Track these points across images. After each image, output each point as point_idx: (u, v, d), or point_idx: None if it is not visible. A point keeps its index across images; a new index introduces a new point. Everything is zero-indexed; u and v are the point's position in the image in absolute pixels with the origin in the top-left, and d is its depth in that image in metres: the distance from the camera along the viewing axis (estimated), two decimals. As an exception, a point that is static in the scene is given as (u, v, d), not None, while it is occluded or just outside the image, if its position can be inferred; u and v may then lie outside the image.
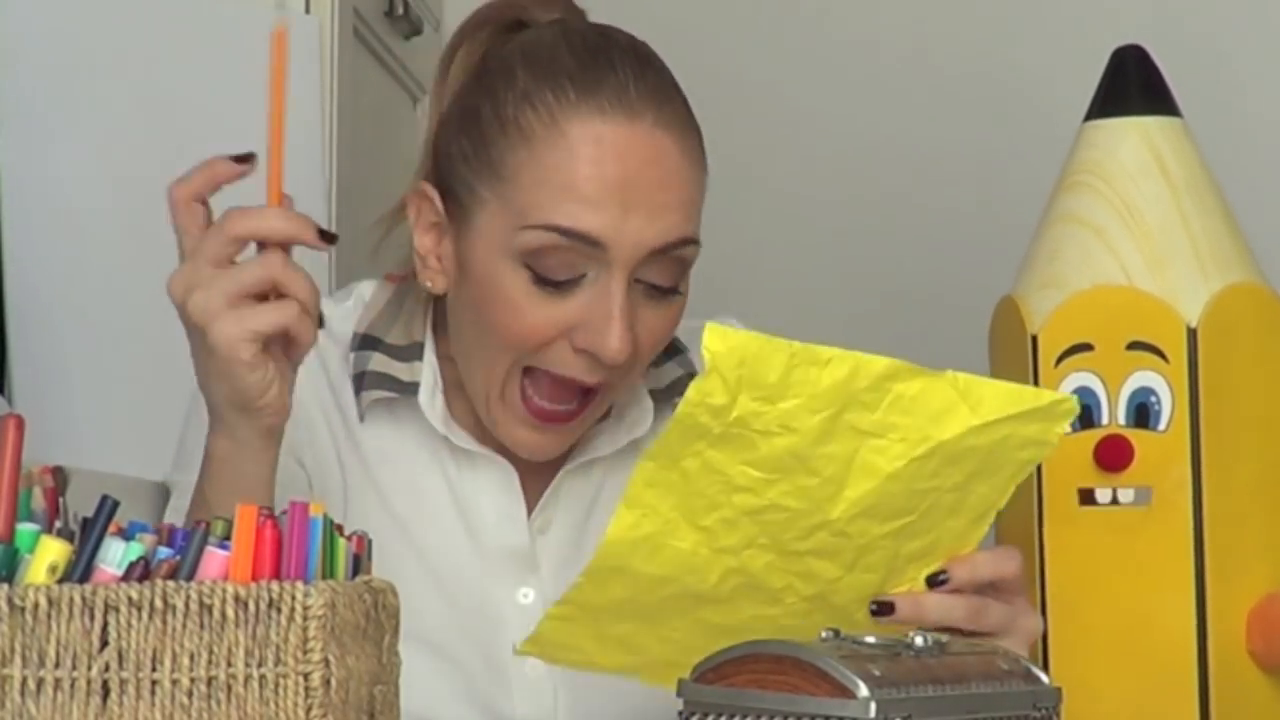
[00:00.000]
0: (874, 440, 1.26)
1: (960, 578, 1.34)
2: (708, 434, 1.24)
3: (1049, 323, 1.61)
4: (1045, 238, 1.66)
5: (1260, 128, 2.44)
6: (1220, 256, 1.62)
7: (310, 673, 1.03)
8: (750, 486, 1.26)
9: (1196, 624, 1.57)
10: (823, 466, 1.26)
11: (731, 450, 1.25)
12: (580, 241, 1.42)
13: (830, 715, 1.08)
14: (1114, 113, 1.66)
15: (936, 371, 1.27)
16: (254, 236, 1.30)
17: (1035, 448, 1.31)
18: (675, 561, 1.29)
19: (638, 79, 1.45)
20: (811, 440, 1.25)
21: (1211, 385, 1.58)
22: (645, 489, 1.26)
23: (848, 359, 1.24)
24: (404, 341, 1.54)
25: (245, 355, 1.29)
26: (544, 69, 1.46)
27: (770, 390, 1.23)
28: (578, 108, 1.43)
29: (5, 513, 1.05)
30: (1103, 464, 1.58)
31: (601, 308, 1.43)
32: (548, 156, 1.43)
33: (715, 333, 1.21)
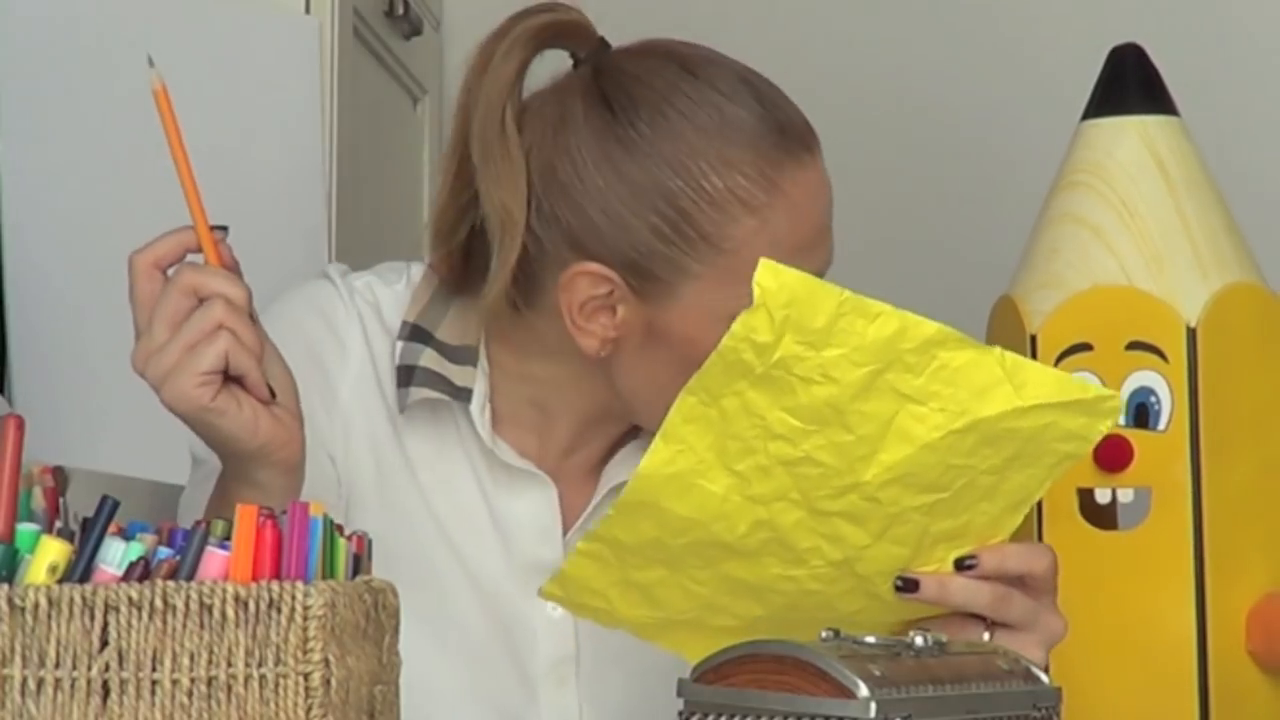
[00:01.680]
0: (913, 406, 1.26)
1: (989, 565, 1.34)
2: (749, 372, 1.24)
3: (1048, 322, 1.61)
4: (1043, 237, 1.66)
5: (1258, 127, 2.44)
6: (1219, 256, 1.62)
7: (310, 673, 1.03)
8: (787, 435, 1.26)
9: (1196, 623, 1.57)
10: (859, 424, 1.26)
11: (771, 393, 1.25)
12: None
13: (830, 715, 1.08)
14: (1112, 112, 1.66)
15: (985, 346, 1.27)
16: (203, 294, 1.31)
17: (1077, 442, 1.30)
18: (705, 505, 1.28)
19: (793, 110, 1.47)
20: (851, 394, 1.25)
21: (1211, 385, 1.58)
22: (683, 424, 1.26)
23: (896, 316, 1.24)
24: (456, 341, 1.51)
25: (205, 399, 1.29)
26: (729, 132, 1.43)
27: (815, 335, 1.23)
28: (783, 165, 1.43)
29: (5, 513, 1.05)
30: (1102, 464, 1.58)
31: None
32: (776, 221, 1.42)
33: (768, 268, 1.21)
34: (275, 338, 1.37)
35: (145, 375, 1.31)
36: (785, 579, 1.33)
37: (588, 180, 1.43)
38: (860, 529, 1.31)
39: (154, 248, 1.35)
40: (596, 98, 1.45)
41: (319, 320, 1.52)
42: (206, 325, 1.30)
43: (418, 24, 2.44)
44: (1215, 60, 2.43)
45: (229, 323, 1.30)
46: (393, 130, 2.41)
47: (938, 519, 1.32)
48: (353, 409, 1.51)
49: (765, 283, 1.22)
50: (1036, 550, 1.37)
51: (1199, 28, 2.45)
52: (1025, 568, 1.35)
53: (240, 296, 1.31)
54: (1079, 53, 1.82)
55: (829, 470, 1.28)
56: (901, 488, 1.29)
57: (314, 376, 1.48)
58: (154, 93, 1.32)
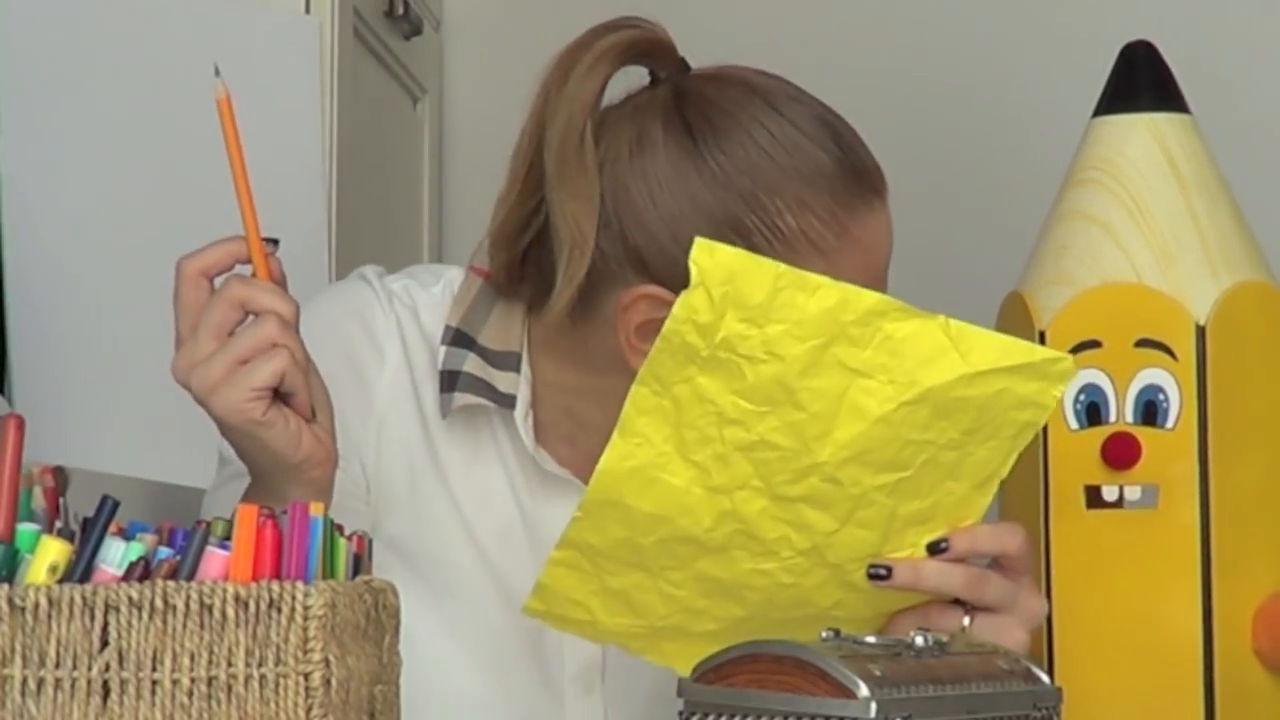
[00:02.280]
0: (862, 380, 1.26)
1: (960, 547, 1.33)
2: (696, 356, 1.24)
3: (1057, 319, 1.61)
4: (1053, 234, 1.66)
5: (1271, 124, 2.43)
6: (1230, 254, 1.62)
7: (310, 673, 1.03)
8: (740, 419, 1.26)
9: (1202, 622, 1.57)
10: (810, 401, 1.26)
11: (721, 376, 1.25)
12: None
13: (830, 715, 1.08)
14: (1123, 109, 1.65)
15: (928, 314, 1.27)
16: (252, 308, 1.31)
17: (1033, 409, 1.30)
18: (669, 499, 1.28)
19: (867, 154, 1.48)
20: (798, 370, 1.25)
21: (1220, 383, 1.58)
22: (639, 416, 1.26)
23: (836, 288, 1.25)
24: (499, 347, 1.50)
25: (256, 415, 1.29)
26: (807, 172, 1.43)
27: (755, 311, 1.23)
28: (855, 209, 1.44)
29: (5, 513, 1.05)
30: (1110, 461, 1.58)
31: None
32: (844, 264, 1.41)
33: (702, 247, 1.22)
34: (312, 341, 1.36)
35: (189, 385, 1.31)
36: (758, 573, 1.32)
37: (661, 204, 1.42)
38: (825, 514, 1.30)
39: (204, 255, 1.35)
40: (677, 121, 1.44)
41: (358, 325, 1.52)
42: (262, 342, 1.29)
43: (418, 24, 2.44)
44: (1227, 58, 2.42)
45: (283, 340, 1.29)
46: (393, 130, 2.41)
47: (903, 500, 1.31)
48: (388, 414, 1.51)
49: (701, 260, 1.22)
50: (1008, 530, 1.36)
51: (1211, 25, 2.45)
52: (998, 548, 1.35)
53: (291, 313, 1.31)
54: (1091, 49, 1.81)
55: (786, 452, 1.27)
56: (860, 466, 1.28)
57: (350, 382, 1.48)
58: (217, 102, 1.31)
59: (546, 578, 1.32)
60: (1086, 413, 1.59)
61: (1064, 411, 1.59)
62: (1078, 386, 1.59)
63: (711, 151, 1.43)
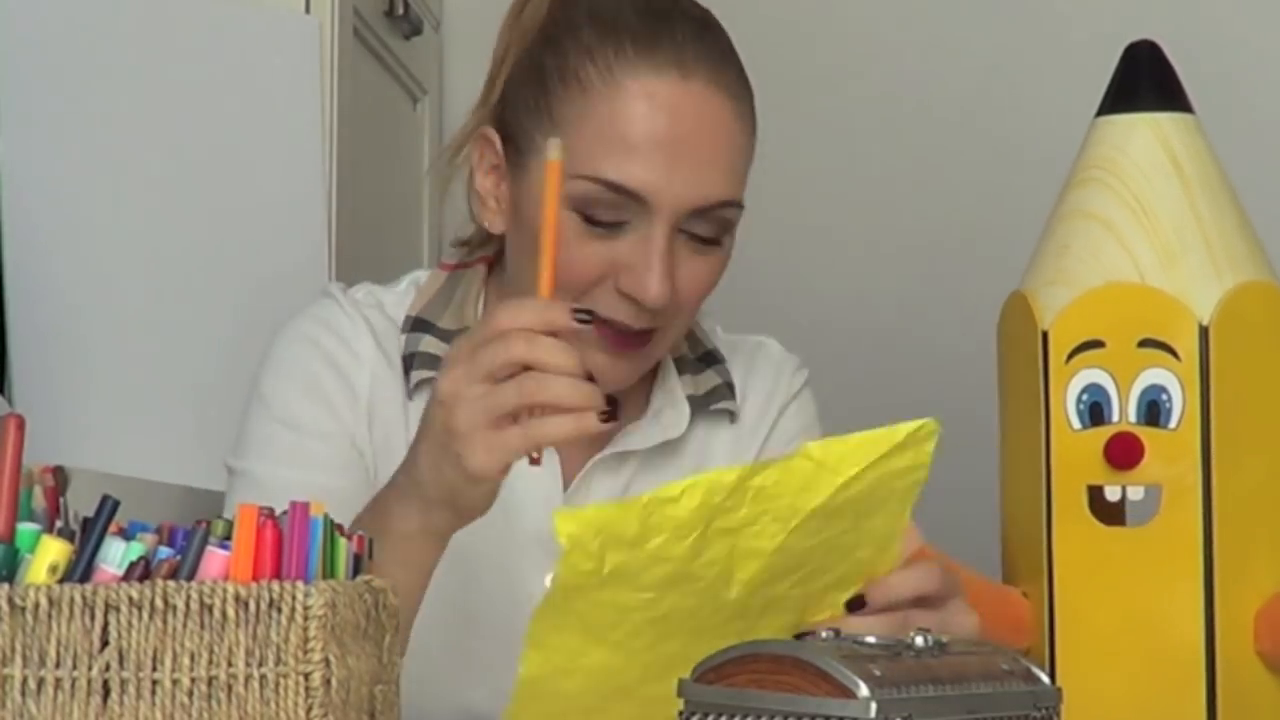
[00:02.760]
0: (745, 529, 1.27)
1: (877, 601, 1.34)
2: (589, 586, 1.25)
3: (1059, 319, 1.61)
4: (1056, 233, 1.66)
5: (1274, 124, 2.43)
6: (1233, 254, 1.61)
7: (310, 673, 1.03)
8: (644, 605, 1.27)
9: (1205, 623, 1.57)
10: (706, 570, 1.27)
11: (618, 585, 1.26)
12: (625, 195, 1.48)
13: (830, 715, 1.08)
14: (1126, 108, 1.65)
15: (788, 454, 1.28)
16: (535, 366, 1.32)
17: (916, 471, 1.31)
18: (594, 675, 1.30)
19: (696, 40, 1.51)
20: (687, 559, 1.26)
21: (1223, 383, 1.58)
22: (547, 632, 1.28)
23: (698, 485, 1.25)
24: (455, 326, 1.59)
25: (497, 478, 1.34)
26: (608, 26, 1.51)
27: (634, 539, 1.24)
28: (635, 64, 1.49)
29: (6, 512, 1.05)
30: (1113, 461, 1.58)
31: (643, 253, 1.49)
32: (601, 109, 1.49)
33: (563, 518, 1.23)
34: (293, 356, 1.51)
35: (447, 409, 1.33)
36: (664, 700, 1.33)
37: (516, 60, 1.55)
38: (742, 622, 1.31)
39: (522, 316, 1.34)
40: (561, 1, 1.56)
41: (328, 333, 1.59)
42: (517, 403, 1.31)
43: (418, 24, 2.44)
44: (1231, 57, 2.42)
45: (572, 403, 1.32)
46: (393, 130, 2.41)
47: (814, 581, 1.32)
48: (373, 400, 1.58)
49: (565, 529, 1.23)
50: (921, 572, 1.36)
51: (1214, 24, 2.45)
52: (915, 591, 1.35)
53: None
54: (1094, 49, 1.81)
55: (694, 609, 1.29)
56: (768, 586, 1.30)
57: (335, 380, 1.57)
58: (548, 165, 1.36)
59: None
60: (1089, 412, 1.59)
61: (1066, 411, 1.59)
62: (1080, 386, 1.59)
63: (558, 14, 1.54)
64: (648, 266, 1.48)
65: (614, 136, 1.48)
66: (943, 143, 2.55)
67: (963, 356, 1.99)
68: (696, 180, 1.49)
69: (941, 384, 2.43)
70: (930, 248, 2.53)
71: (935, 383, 2.45)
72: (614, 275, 1.50)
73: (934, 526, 1.68)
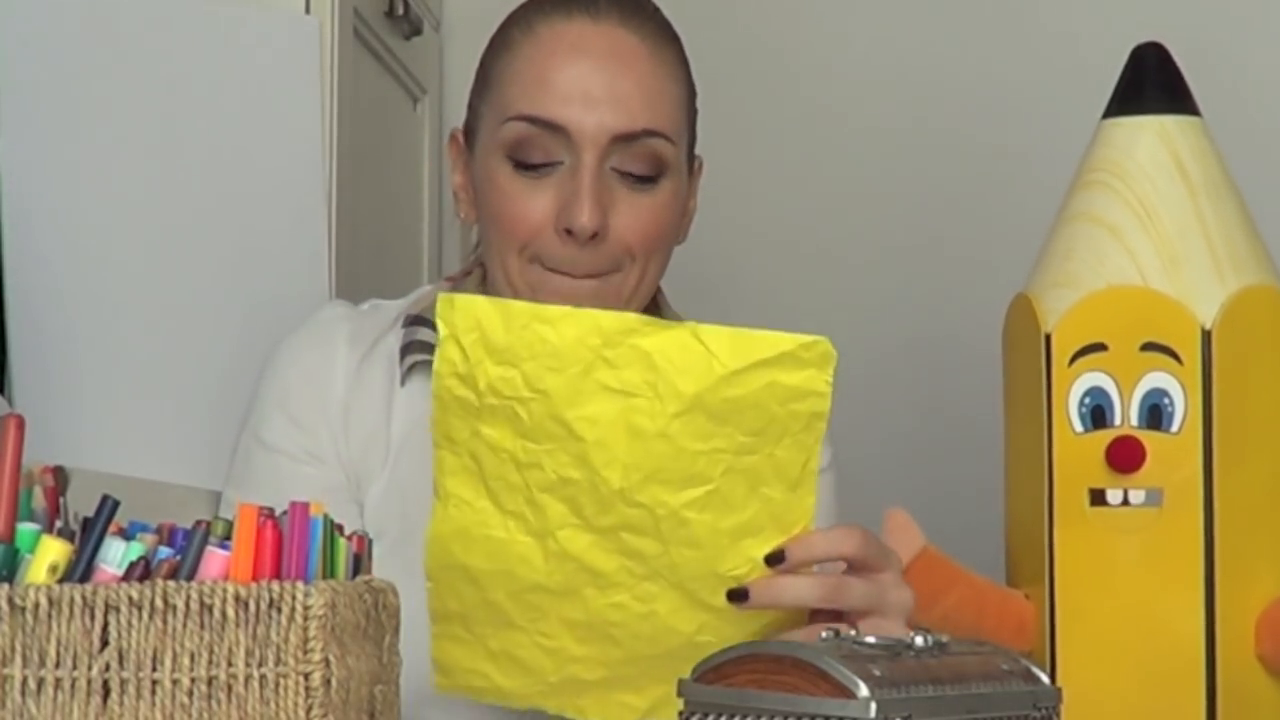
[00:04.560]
0: (629, 400, 1.28)
1: (796, 556, 1.35)
2: (470, 408, 1.28)
3: (1063, 322, 1.60)
4: (1060, 236, 1.65)
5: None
6: (1237, 258, 1.61)
7: (310, 673, 1.03)
8: (534, 461, 1.29)
9: (1205, 626, 1.57)
10: (587, 430, 1.29)
11: (501, 424, 1.29)
12: (547, 129, 1.55)
13: (830, 715, 1.08)
14: (1132, 111, 1.65)
15: (675, 324, 1.30)
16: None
17: (811, 398, 1.30)
18: (500, 552, 1.32)
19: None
20: (566, 401, 1.28)
21: (1225, 387, 1.58)
22: (446, 478, 1.31)
23: (582, 316, 1.28)
24: None
25: None
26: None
27: (506, 353, 1.28)
28: (549, 15, 1.59)
29: (6, 513, 1.05)
30: (1114, 465, 1.57)
31: (573, 186, 1.54)
32: (520, 56, 1.58)
33: (444, 301, 1.29)
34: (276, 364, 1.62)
35: None
36: (613, 607, 1.34)
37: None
38: (645, 538, 1.31)
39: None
40: None
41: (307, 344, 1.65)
42: None
43: (418, 24, 2.44)
44: (1239, 60, 2.41)
45: None
46: (393, 130, 2.41)
47: (720, 514, 1.31)
48: (349, 397, 1.62)
49: (443, 313, 1.28)
50: (843, 534, 1.37)
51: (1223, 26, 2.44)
52: (835, 552, 1.36)
53: None
54: (1103, 51, 1.81)
55: (583, 484, 1.30)
56: (658, 486, 1.30)
57: (312, 393, 1.62)
58: None
59: (436, 652, 1.37)
60: (1091, 416, 1.59)
61: (1069, 414, 1.59)
62: (1083, 390, 1.59)
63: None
64: (576, 195, 1.54)
65: (533, 78, 1.56)
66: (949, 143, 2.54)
67: (970, 358, 1.99)
68: (613, 109, 1.55)
69: (948, 386, 2.43)
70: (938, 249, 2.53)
71: (942, 385, 2.45)
72: (554, 219, 1.55)
73: (940, 528, 1.68)
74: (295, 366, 1.63)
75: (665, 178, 1.57)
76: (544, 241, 1.56)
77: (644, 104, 1.56)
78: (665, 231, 1.59)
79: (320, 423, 1.61)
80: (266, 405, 1.63)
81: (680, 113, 1.60)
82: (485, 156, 1.59)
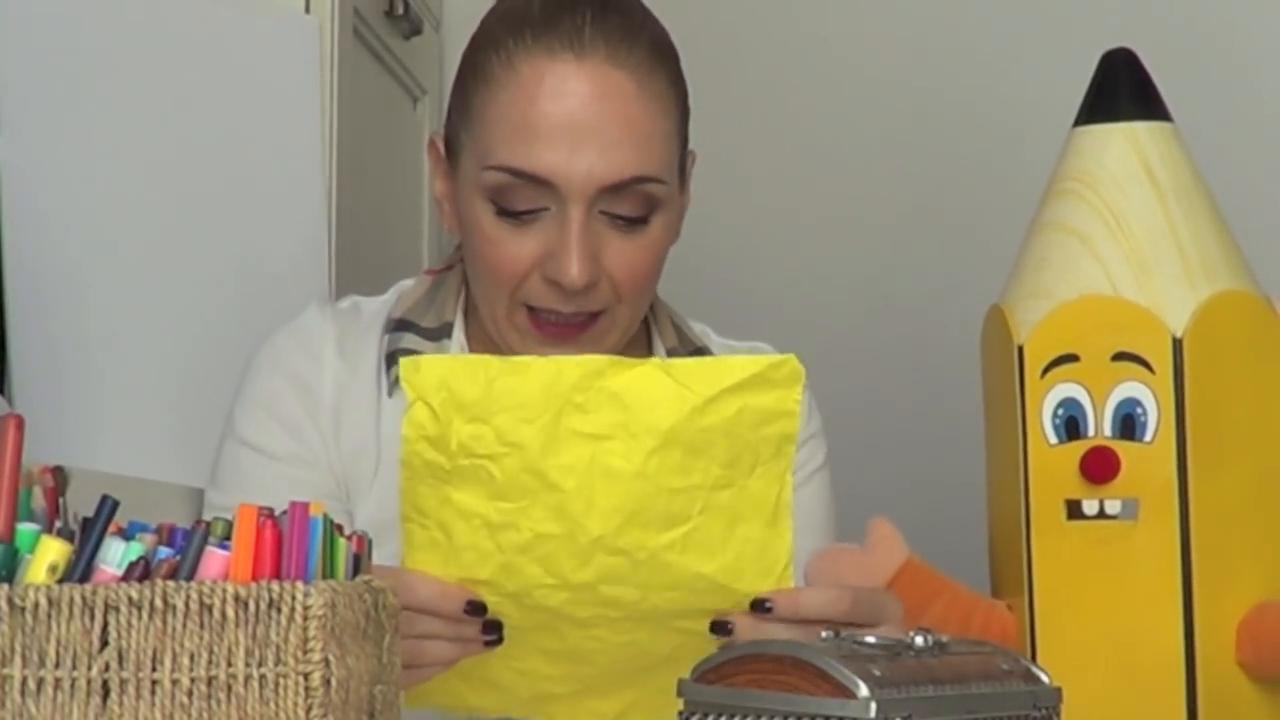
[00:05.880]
0: (603, 443, 1.26)
1: (783, 612, 1.32)
2: (439, 472, 1.26)
3: (1034, 333, 1.60)
4: (1033, 246, 1.65)
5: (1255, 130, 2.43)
6: (1208, 264, 1.60)
7: (310, 673, 1.03)
8: (509, 522, 1.27)
9: (1184, 635, 1.56)
10: (563, 479, 1.26)
11: (473, 487, 1.26)
12: (531, 180, 1.50)
13: (830, 715, 1.08)
14: (1103, 118, 1.64)
15: (640, 361, 1.28)
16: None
17: (781, 420, 1.29)
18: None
19: (594, 22, 1.52)
20: (539, 451, 1.26)
21: (1198, 396, 1.57)
22: (416, 553, 1.29)
23: (548, 364, 1.26)
24: (435, 324, 1.61)
25: None
26: (513, 18, 1.54)
27: (477, 408, 1.25)
28: (531, 50, 1.52)
29: (5, 513, 1.05)
30: (1089, 476, 1.57)
31: (560, 238, 1.50)
32: (502, 96, 1.52)
33: (408, 364, 1.26)
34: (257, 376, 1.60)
35: None
36: (589, 638, 1.33)
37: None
38: (624, 587, 1.30)
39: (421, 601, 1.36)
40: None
41: (294, 344, 1.62)
42: None
43: (418, 24, 2.44)
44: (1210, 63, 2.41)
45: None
46: (393, 130, 2.41)
47: (699, 557, 1.30)
48: (340, 408, 1.60)
49: (409, 377, 1.26)
50: (833, 596, 1.34)
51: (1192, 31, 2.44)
52: (821, 615, 1.33)
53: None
54: (1075, 58, 1.80)
55: (561, 538, 1.27)
56: (639, 529, 1.28)
57: (295, 394, 1.60)
58: None
59: None
60: (1065, 427, 1.58)
61: (1043, 426, 1.59)
62: (1056, 401, 1.59)
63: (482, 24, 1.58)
64: (565, 250, 1.50)
65: (515, 124, 1.50)
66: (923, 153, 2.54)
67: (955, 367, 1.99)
68: (601, 159, 1.49)
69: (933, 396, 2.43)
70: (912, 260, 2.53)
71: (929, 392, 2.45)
72: (539, 265, 1.52)
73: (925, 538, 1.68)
74: (282, 371, 1.61)
75: (656, 214, 1.53)
76: (530, 287, 1.53)
77: (633, 150, 1.50)
78: (656, 266, 1.56)
79: (309, 426, 1.59)
80: (252, 409, 1.60)
81: (671, 145, 1.54)
82: (468, 192, 1.55)
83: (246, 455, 1.59)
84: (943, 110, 2.54)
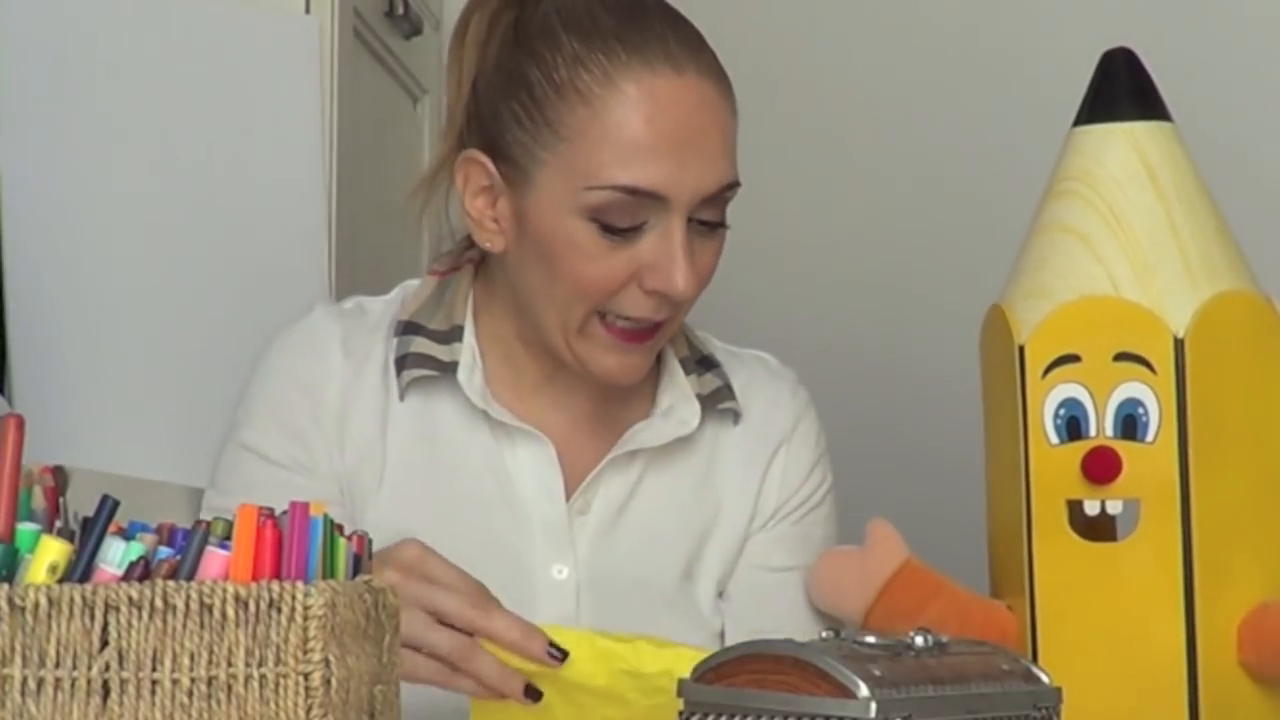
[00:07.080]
0: None
1: None
2: None
3: (1035, 334, 1.60)
4: (1033, 246, 1.65)
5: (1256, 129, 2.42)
6: (1209, 264, 1.60)
7: (310, 673, 1.03)
8: None
9: (1186, 636, 1.56)
10: None
11: None
12: (644, 197, 1.50)
13: (830, 715, 1.08)
14: (1103, 118, 1.64)
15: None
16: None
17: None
18: None
19: (675, 31, 1.54)
20: None
21: (1199, 396, 1.57)
22: None
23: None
24: (445, 326, 1.61)
25: None
26: (589, 31, 1.53)
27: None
28: (629, 65, 1.51)
29: (5, 512, 1.05)
30: (1091, 476, 1.57)
31: (666, 250, 1.52)
32: (608, 115, 1.51)
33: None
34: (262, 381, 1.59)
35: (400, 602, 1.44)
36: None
37: (483, 78, 1.57)
38: None
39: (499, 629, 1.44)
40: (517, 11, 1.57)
41: (299, 347, 1.62)
42: None
43: (418, 24, 2.44)
44: (1212, 63, 2.41)
45: None
46: (393, 130, 2.41)
47: None
48: (346, 413, 1.60)
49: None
50: None
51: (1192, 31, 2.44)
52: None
53: None
54: (1075, 58, 1.80)
55: None
56: None
57: (300, 398, 1.59)
58: None
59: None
60: (1066, 427, 1.58)
61: (1044, 426, 1.58)
62: (1057, 401, 1.59)
63: (524, 25, 1.56)
64: (672, 261, 1.52)
65: (624, 142, 1.50)
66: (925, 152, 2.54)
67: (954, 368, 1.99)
68: (707, 169, 1.52)
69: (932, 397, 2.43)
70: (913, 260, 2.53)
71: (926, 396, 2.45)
72: (638, 276, 1.53)
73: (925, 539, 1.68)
74: (287, 374, 1.60)
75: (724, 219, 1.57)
76: (625, 296, 1.54)
77: (726, 158, 1.54)
78: (718, 260, 1.59)
79: (314, 433, 1.58)
80: (256, 412, 1.60)
81: None
82: (555, 212, 1.52)
83: (248, 459, 1.59)
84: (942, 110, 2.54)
